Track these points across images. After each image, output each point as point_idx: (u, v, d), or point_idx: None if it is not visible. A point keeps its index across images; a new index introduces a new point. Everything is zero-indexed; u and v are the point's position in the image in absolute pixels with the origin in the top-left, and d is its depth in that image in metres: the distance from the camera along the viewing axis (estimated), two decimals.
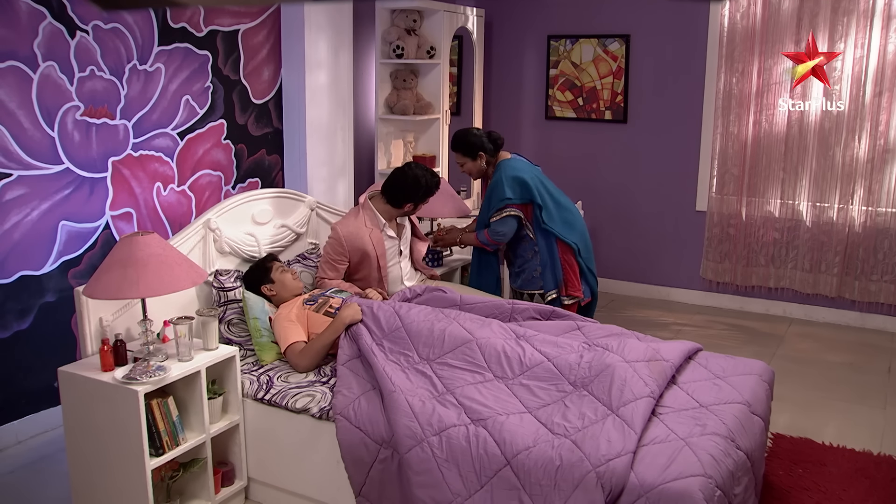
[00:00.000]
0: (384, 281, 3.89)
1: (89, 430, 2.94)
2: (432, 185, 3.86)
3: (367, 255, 3.82)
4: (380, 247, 3.84)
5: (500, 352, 3.09)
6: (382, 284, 3.88)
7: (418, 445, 2.70)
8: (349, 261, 3.82)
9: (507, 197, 4.00)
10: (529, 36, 6.33)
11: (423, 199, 3.89)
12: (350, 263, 3.84)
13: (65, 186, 3.82)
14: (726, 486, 2.47)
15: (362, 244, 3.80)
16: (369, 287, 3.84)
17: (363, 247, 3.80)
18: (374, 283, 3.88)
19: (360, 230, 3.82)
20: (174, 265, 2.85)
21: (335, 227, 3.84)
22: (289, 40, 4.86)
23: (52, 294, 3.82)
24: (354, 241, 3.79)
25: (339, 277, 3.84)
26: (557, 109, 6.27)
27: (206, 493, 3.10)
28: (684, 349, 3.19)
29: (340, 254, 3.79)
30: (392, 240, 3.92)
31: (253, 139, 4.84)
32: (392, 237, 3.92)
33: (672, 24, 5.76)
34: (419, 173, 3.83)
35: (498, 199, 4.03)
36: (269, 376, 3.26)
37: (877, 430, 3.89)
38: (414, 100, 5.71)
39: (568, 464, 2.49)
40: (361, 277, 3.89)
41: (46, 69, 3.67)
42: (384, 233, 3.87)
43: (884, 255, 5.30)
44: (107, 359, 2.90)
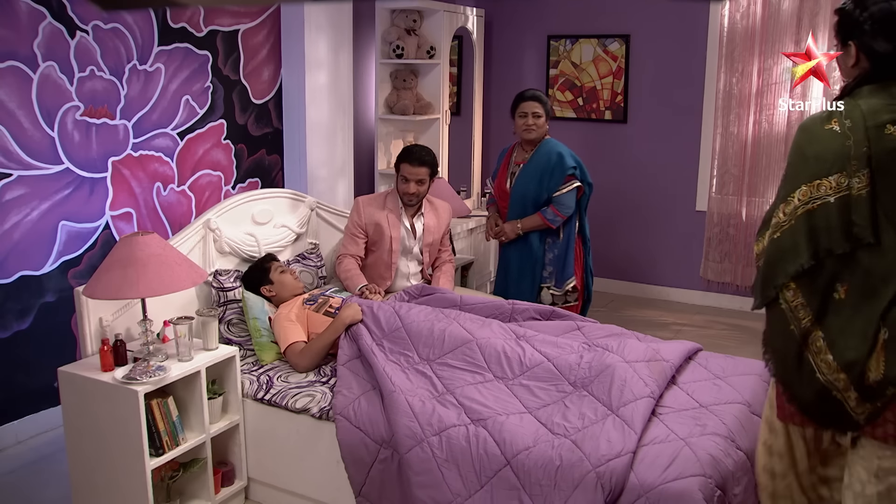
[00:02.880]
0: (392, 268, 3.91)
1: (89, 431, 2.94)
2: (414, 150, 3.88)
3: (381, 233, 3.86)
4: (395, 229, 3.88)
5: (500, 352, 3.09)
6: (390, 272, 3.90)
7: (418, 445, 2.70)
8: (367, 235, 3.88)
9: (573, 166, 4.01)
10: (529, 36, 6.33)
11: (404, 158, 3.86)
12: (368, 239, 3.89)
13: (65, 186, 3.82)
14: (726, 486, 2.47)
15: (379, 218, 3.87)
16: (378, 275, 3.88)
17: (379, 221, 3.86)
18: (382, 268, 3.90)
19: (380, 203, 3.91)
20: (174, 265, 2.84)
21: (357, 198, 3.98)
22: (289, 40, 4.86)
23: (51, 294, 3.82)
24: (372, 212, 3.87)
25: (358, 253, 3.89)
26: (557, 109, 6.27)
27: (206, 493, 3.10)
28: (684, 349, 3.19)
29: (358, 225, 3.87)
30: (408, 232, 3.93)
31: (253, 139, 4.84)
32: (407, 228, 3.93)
33: (672, 24, 5.76)
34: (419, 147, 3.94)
35: (562, 171, 3.99)
36: (268, 376, 3.26)
37: None
38: (414, 100, 5.71)
39: (568, 464, 2.49)
40: (372, 262, 3.93)
41: (46, 69, 3.67)
42: (401, 220, 3.91)
43: None
44: (107, 359, 2.90)
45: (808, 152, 1.94)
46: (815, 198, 1.88)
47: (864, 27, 1.94)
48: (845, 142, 1.89)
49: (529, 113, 4.03)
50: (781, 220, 1.93)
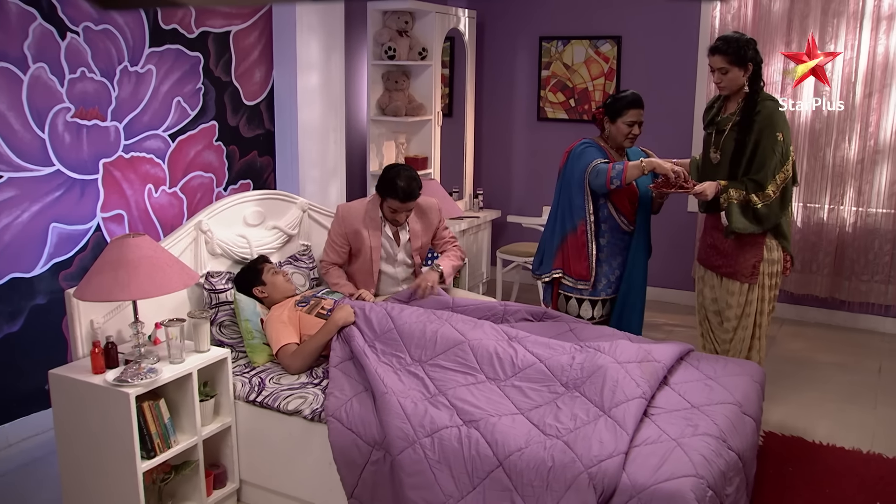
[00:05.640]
0: (374, 275, 3.86)
1: (80, 433, 2.93)
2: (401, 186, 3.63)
3: (362, 242, 3.80)
4: (375, 239, 3.82)
5: (492, 353, 3.09)
6: (372, 279, 3.86)
7: (410, 447, 2.70)
8: (349, 245, 3.83)
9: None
10: (521, 37, 6.34)
11: (391, 195, 3.67)
12: (350, 248, 3.85)
13: (55, 188, 3.81)
14: (718, 487, 2.48)
15: (358, 227, 3.79)
16: (361, 281, 3.85)
17: (359, 230, 3.79)
18: (365, 275, 3.85)
19: (360, 213, 3.82)
20: (165, 267, 2.84)
21: (339, 206, 3.92)
22: (280, 42, 4.85)
23: (42, 296, 3.81)
24: (352, 221, 3.80)
25: (339, 262, 3.85)
26: (549, 111, 6.28)
27: (197, 495, 3.09)
28: (676, 350, 3.20)
29: (339, 234, 3.83)
30: (390, 240, 3.86)
31: (245, 141, 4.83)
32: (389, 237, 3.86)
33: (663, 25, 5.78)
34: (396, 171, 3.71)
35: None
36: (260, 378, 3.26)
37: (867, 429, 3.91)
38: (406, 101, 5.70)
39: (560, 465, 2.50)
40: (355, 269, 3.89)
41: (37, 70, 3.66)
42: (382, 230, 3.83)
43: (874, 255, 5.32)
44: (98, 361, 2.89)
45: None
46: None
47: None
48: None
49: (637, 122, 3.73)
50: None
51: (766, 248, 3.64)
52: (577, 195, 3.68)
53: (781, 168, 3.51)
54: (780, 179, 3.51)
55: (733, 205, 3.53)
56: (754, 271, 3.67)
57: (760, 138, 3.50)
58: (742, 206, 3.53)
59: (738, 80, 3.56)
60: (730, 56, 3.51)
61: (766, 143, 3.49)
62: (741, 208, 3.53)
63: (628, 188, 3.69)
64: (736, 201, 3.53)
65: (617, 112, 3.71)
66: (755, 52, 3.54)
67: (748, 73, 3.55)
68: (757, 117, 3.52)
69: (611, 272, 3.81)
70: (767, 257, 3.65)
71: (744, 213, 3.53)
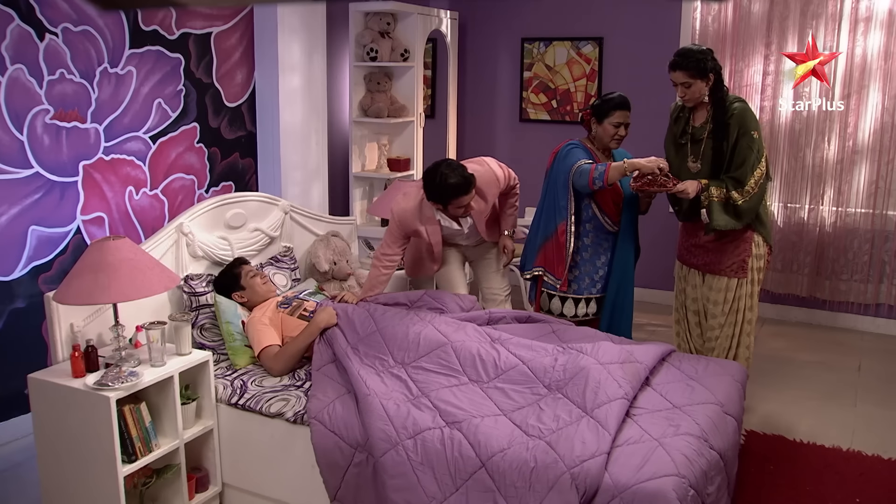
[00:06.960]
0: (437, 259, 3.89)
1: (60, 438, 2.90)
2: (451, 184, 3.46)
3: (421, 236, 3.77)
4: (434, 235, 3.76)
5: (474, 355, 3.10)
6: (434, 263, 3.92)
7: (393, 449, 2.70)
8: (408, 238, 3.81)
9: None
10: (503, 38, 6.35)
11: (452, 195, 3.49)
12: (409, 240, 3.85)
13: (35, 191, 3.78)
14: (699, 486, 2.49)
15: (416, 226, 3.72)
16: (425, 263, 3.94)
17: (417, 228, 3.73)
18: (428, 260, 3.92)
19: (415, 214, 3.70)
20: (146, 270, 2.82)
21: (392, 206, 3.78)
22: (262, 43, 4.84)
23: (21, 300, 3.77)
24: (409, 223, 3.71)
25: (399, 254, 3.76)
26: (531, 112, 6.30)
27: (179, 499, 3.07)
28: (658, 351, 3.21)
29: (399, 236, 3.74)
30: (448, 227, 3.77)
31: (226, 142, 4.81)
32: (448, 227, 3.77)
33: (644, 26, 5.80)
34: (440, 173, 3.49)
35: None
36: (242, 381, 3.24)
37: (847, 426, 3.95)
38: (388, 102, 5.70)
39: (542, 465, 2.50)
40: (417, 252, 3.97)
41: (15, 72, 3.63)
42: (440, 223, 3.76)
43: (853, 254, 5.37)
44: (78, 365, 2.87)
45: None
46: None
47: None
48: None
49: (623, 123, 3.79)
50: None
51: (755, 243, 3.74)
52: (562, 196, 3.73)
53: (758, 164, 3.58)
54: (757, 175, 3.57)
55: (714, 203, 3.57)
56: (743, 266, 3.73)
57: (738, 137, 3.56)
58: (723, 204, 3.58)
59: (701, 91, 3.62)
60: (690, 70, 3.57)
61: (743, 141, 3.56)
62: (722, 206, 3.58)
63: (612, 189, 3.74)
64: (717, 199, 3.57)
65: (604, 113, 3.77)
66: (714, 62, 3.60)
67: (710, 83, 3.61)
68: (731, 120, 3.58)
69: (594, 271, 3.86)
70: (756, 252, 3.74)
71: (725, 210, 3.59)
